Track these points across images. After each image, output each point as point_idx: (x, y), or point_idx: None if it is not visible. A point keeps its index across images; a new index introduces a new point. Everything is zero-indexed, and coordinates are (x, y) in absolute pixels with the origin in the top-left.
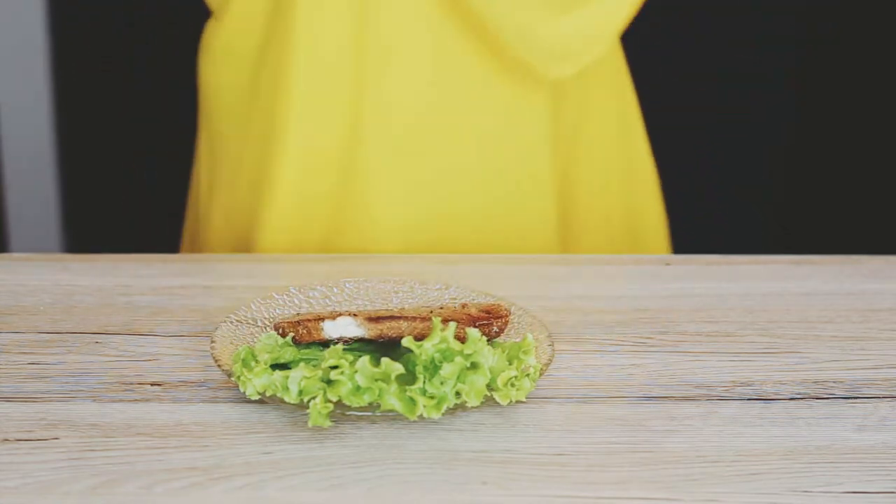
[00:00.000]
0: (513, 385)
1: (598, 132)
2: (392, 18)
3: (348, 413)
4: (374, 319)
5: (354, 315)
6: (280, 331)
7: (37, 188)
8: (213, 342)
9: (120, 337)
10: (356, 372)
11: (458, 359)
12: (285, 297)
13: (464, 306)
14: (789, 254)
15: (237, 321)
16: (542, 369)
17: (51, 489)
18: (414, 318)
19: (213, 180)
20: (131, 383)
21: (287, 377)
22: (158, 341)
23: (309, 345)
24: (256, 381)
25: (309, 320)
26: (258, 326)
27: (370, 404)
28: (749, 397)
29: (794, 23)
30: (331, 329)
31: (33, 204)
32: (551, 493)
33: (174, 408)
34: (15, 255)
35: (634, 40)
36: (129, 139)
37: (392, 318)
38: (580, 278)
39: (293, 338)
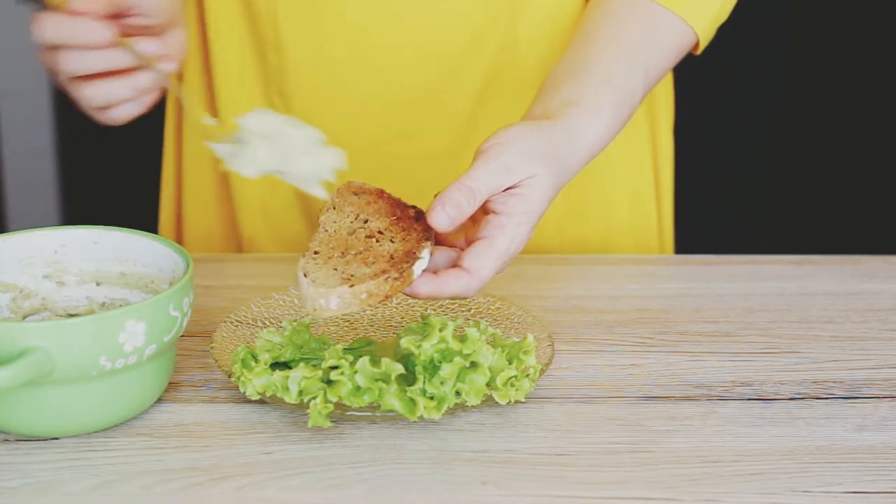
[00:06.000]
0: (512, 385)
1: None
2: None
3: (348, 413)
4: None
5: None
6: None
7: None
8: (213, 342)
9: None
10: (356, 372)
11: (458, 359)
12: (285, 297)
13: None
14: (789, 254)
15: (237, 321)
16: (542, 369)
17: (51, 489)
18: None
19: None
20: None
21: (287, 377)
22: None
23: (309, 345)
24: (256, 382)
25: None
26: (258, 326)
27: (370, 404)
28: (749, 397)
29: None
30: None
31: (33, 205)
32: (551, 493)
33: (174, 408)
34: None
35: None
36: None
37: None
38: (580, 278)
39: None
